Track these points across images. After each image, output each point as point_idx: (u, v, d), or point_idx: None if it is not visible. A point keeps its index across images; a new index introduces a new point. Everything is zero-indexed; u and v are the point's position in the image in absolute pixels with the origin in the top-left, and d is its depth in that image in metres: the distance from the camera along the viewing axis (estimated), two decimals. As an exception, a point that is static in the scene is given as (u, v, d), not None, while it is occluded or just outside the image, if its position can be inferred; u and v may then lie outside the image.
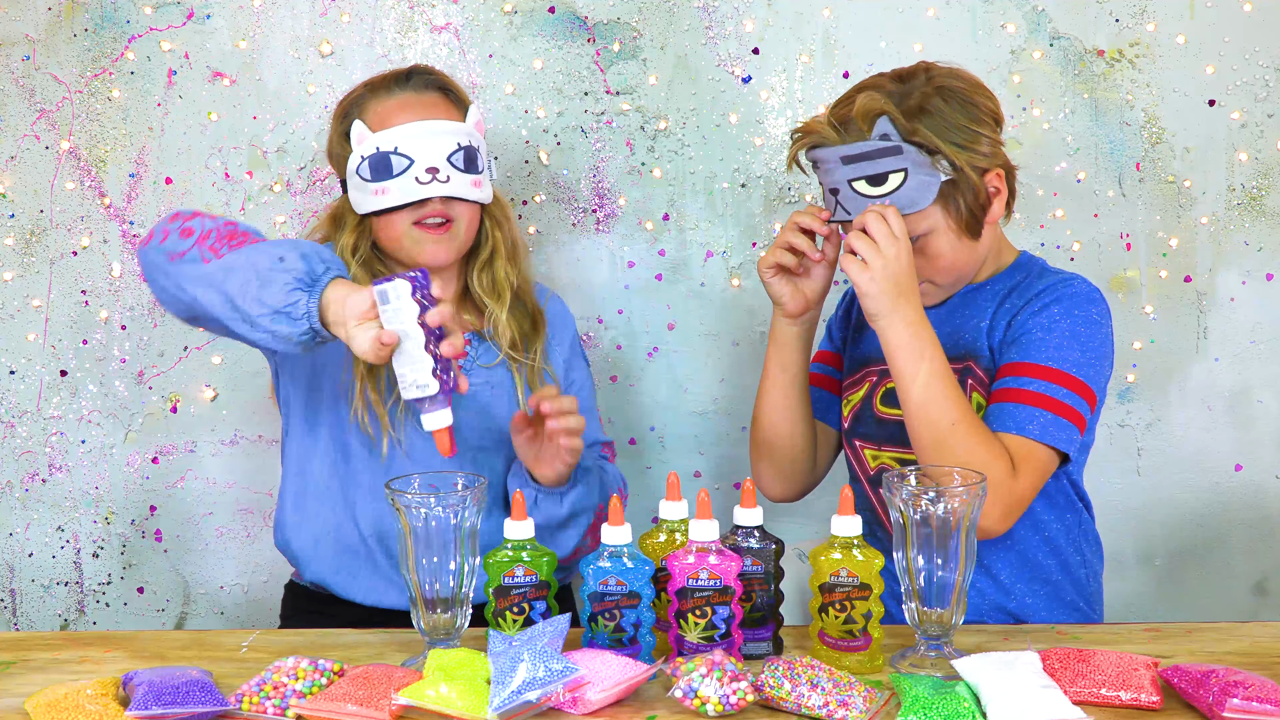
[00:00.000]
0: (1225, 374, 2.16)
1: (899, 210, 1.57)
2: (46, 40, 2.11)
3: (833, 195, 1.63)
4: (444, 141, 1.71)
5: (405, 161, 1.70)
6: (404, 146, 1.70)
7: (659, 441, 2.19)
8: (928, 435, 1.53)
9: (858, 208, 1.60)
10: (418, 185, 1.70)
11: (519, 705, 1.22)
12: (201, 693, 1.25)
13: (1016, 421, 1.55)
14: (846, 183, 1.60)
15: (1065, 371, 1.57)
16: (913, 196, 1.59)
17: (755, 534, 1.40)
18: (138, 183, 2.14)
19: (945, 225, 1.62)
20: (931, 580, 1.35)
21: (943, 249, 1.63)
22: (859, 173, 1.59)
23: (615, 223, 2.16)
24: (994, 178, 1.63)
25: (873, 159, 1.59)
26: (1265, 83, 2.11)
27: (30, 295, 2.15)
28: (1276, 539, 2.19)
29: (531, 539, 1.39)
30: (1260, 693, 1.20)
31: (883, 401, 1.72)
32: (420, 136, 1.70)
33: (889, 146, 1.58)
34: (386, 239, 1.75)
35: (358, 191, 1.73)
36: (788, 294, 1.69)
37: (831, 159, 1.61)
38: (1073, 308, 1.61)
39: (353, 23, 2.12)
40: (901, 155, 1.58)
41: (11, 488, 2.18)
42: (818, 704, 1.23)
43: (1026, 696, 1.22)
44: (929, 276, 1.65)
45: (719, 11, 2.12)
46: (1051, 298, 1.63)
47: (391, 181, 1.70)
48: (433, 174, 1.70)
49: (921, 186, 1.59)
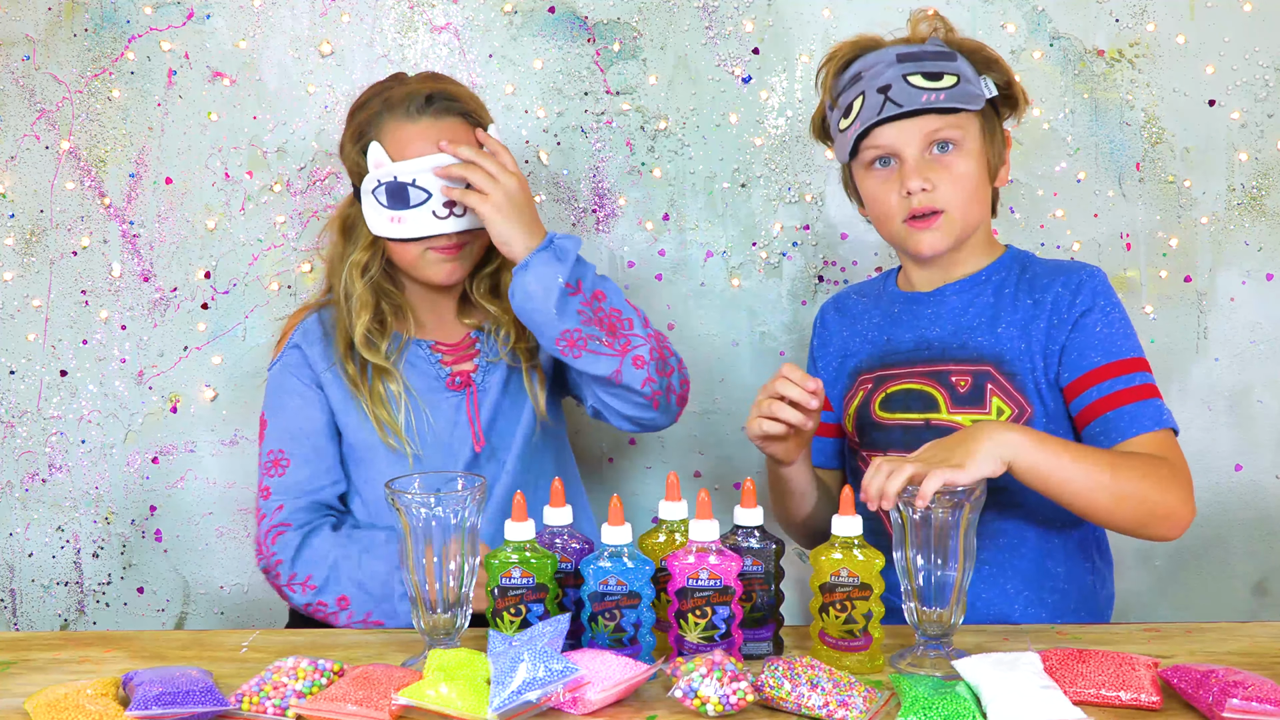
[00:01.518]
0: (1225, 374, 2.16)
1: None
2: (46, 40, 2.11)
3: (880, 94, 1.62)
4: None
5: (423, 195, 1.70)
6: (422, 180, 1.70)
7: (659, 441, 2.19)
8: (1102, 499, 1.50)
9: (911, 100, 1.61)
10: (435, 220, 1.71)
11: (519, 705, 1.22)
12: (201, 693, 1.25)
13: (1138, 422, 1.58)
14: (901, 77, 1.62)
15: (1137, 357, 1.62)
16: (966, 96, 1.62)
17: (755, 534, 1.40)
18: (138, 183, 2.14)
19: (979, 145, 1.65)
20: (930, 580, 1.35)
21: (970, 169, 1.64)
22: (915, 69, 1.62)
23: (615, 223, 2.16)
24: (1006, 140, 1.70)
25: (929, 59, 1.63)
26: (1265, 83, 2.11)
27: (30, 295, 2.15)
28: (1276, 539, 2.19)
29: (531, 540, 1.39)
30: (1260, 693, 1.20)
31: (882, 407, 1.71)
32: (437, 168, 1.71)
33: (945, 51, 1.65)
34: (401, 259, 1.78)
35: (373, 212, 1.73)
36: (782, 450, 1.63)
37: (884, 58, 1.64)
38: (1108, 296, 1.65)
39: (353, 23, 2.12)
40: (956, 61, 1.64)
41: (11, 488, 2.18)
42: (818, 704, 1.23)
43: (1027, 697, 1.22)
44: (946, 197, 1.62)
45: (719, 11, 2.12)
46: (1088, 293, 1.64)
47: (409, 212, 1.71)
48: (450, 209, 1.71)
49: (972, 93, 1.63)
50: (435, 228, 1.71)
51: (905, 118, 1.62)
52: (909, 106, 1.60)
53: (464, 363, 1.84)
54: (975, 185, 1.64)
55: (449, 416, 1.80)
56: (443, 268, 1.76)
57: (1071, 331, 1.62)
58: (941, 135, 1.62)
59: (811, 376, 1.57)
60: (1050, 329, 1.63)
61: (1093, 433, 1.60)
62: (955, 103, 1.61)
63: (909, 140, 1.62)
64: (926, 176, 1.62)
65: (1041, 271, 1.69)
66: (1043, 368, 1.63)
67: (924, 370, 1.69)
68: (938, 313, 1.70)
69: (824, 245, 2.15)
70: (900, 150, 1.63)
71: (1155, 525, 1.54)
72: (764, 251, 2.16)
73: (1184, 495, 1.55)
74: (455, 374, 1.82)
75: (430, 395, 1.80)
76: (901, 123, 1.62)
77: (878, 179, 1.67)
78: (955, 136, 1.62)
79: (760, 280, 2.16)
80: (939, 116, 1.61)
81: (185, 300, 2.15)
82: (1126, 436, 1.58)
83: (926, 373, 1.68)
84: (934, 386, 1.67)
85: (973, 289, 1.70)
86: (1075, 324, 1.62)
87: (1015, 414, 1.62)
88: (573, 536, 1.44)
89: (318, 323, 1.83)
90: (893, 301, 1.77)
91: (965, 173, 1.63)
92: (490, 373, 1.83)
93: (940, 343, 1.69)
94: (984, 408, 1.63)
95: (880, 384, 1.71)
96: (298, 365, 1.80)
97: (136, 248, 2.14)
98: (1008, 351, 1.64)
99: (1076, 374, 1.61)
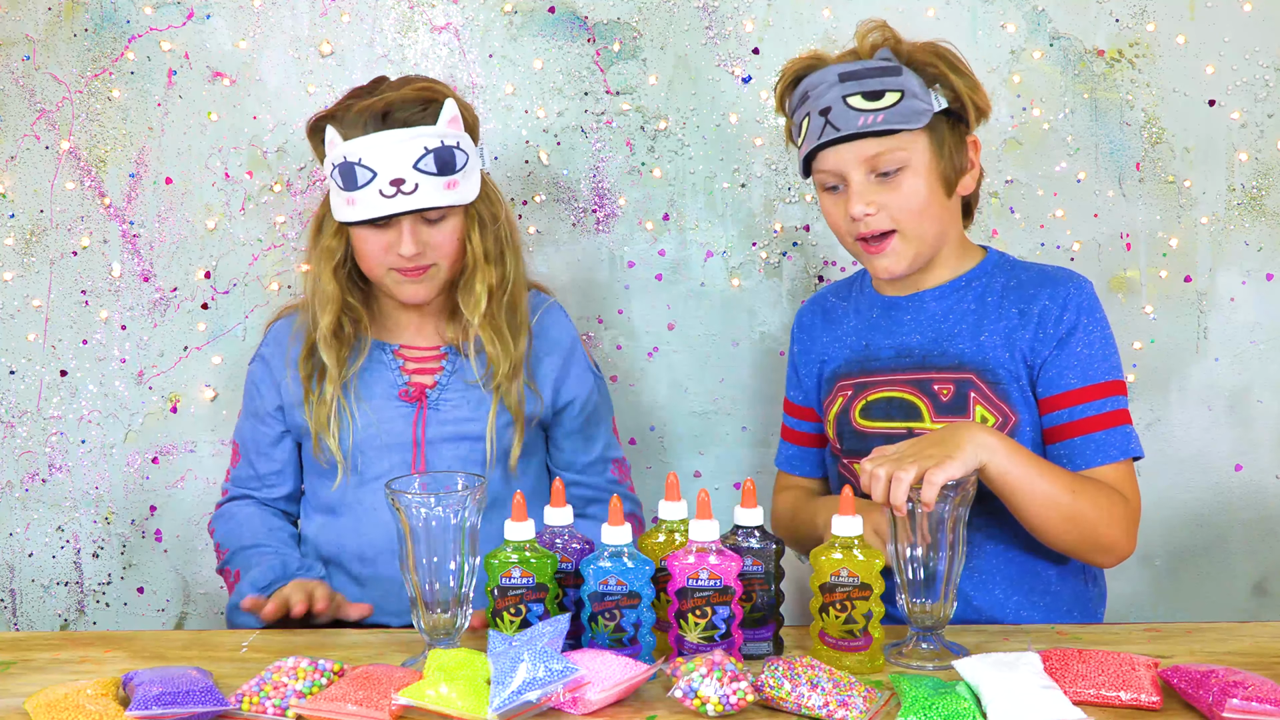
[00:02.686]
0: (1225, 374, 2.16)
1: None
2: (46, 40, 2.11)
3: (822, 116, 1.60)
4: (409, 149, 1.67)
5: (369, 174, 1.67)
6: (367, 158, 1.66)
7: (659, 441, 2.19)
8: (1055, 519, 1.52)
9: (849, 123, 1.58)
10: (382, 199, 1.67)
11: (519, 705, 1.22)
12: (201, 693, 1.25)
13: (1103, 452, 1.58)
14: (841, 99, 1.58)
15: (1113, 380, 1.61)
16: (906, 115, 1.57)
17: (755, 534, 1.40)
18: (138, 183, 2.14)
19: (928, 161, 1.60)
20: (921, 573, 1.37)
21: (919, 188, 1.60)
22: (855, 89, 1.58)
23: (615, 223, 2.16)
24: (973, 147, 1.64)
25: (871, 76, 1.59)
26: (1265, 83, 2.11)
27: (30, 295, 2.15)
28: (1276, 539, 2.19)
29: (531, 540, 1.38)
30: (1260, 693, 1.20)
31: (862, 415, 1.70)
32: (384, 146, 1.66)
33: (889, 66, 1.59)
34: (370, 274, 1.76)
35: (335, 198, 1.72)
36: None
37: (827, 79, 1.60)
38: (1094, 312, 1.63)
39: (353, 23, 2.12)
40: (900, 76, 1.59)
41: (11, 488, 2.18)
42: (818, 704, 1.23)
43: (1027, 697, 1.22)
44: (896, 217, 1.60)
45: (719, 11, 2.12)
46: (1074, 310, 1.62)
47: (358, 193, 1.68)
48: (397, 186, 1.66)
49: (916, 109, 1.58)
50: (384, 207, 1.67)
51: (844, 141, 1.59)
52: (846, 131, 1.58)
53: (424, 375, 1.79)
54: (925, 202, 1.61)
55: (394, 429, 1.77)
56: (405, 289, 1.74)
57: (1055, 348, 1.62)
58: (882, 160, 1.59)
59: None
60: (1035, 342, 1.63)
61: (1058, 453, 1.61)
62: (894, 124, 1.57)
63: (850, 165, 1.60)
64: (870, 200, 1.59)
65: (1027, 279, 1.67)
66: (1026, 376, 1.63)
67: (905, 378, 1.68)
68: (917, 319, 1.69)
69: (824, 245, 2.15)
70: (845, 174, 1.61)
71: (1095, 554, 1.58)
72: (764, 251, 2.16)
73: (1130, 530, 1.58)
74: (411, 384, 1.78)
75: (381, 402, 1.78)
76: (840, 147, 1.60)
77: (829, 200, 1.66)
78: (898, 159, 1.58)
79: (760, 280, 2.16)
80: (878, 140, 1.58)
81: (185, 300, 2.15)
82: (1090, 465, 1.59)
83: (908, 380, 1.67)
84: (916, 395, 1.66)
85: (953, 295, 1.68)
86: (1060, 341, 1.62)
87: (1000, 422, 1.62)
88: (573, 537, 1.43)
89: (288, 324, 1.85)
90: (871, 305, 1.75)
91: (912, 191, 1.60)
92: (450, 391, 1.78)
93: (921, 350, 1.67)
94: (968, 416, 1.63)
95: (860, 391, 1.70)
96: (262, 376, 1.84)
97: (136, 248, 2.14)
98: (991, 359, 1.63)
99: (1051, 392, 1.61)
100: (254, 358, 1.88)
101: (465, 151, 1.72)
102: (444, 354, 1.81)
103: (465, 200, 1.72)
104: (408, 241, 1.70)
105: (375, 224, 1.70)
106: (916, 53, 1.62)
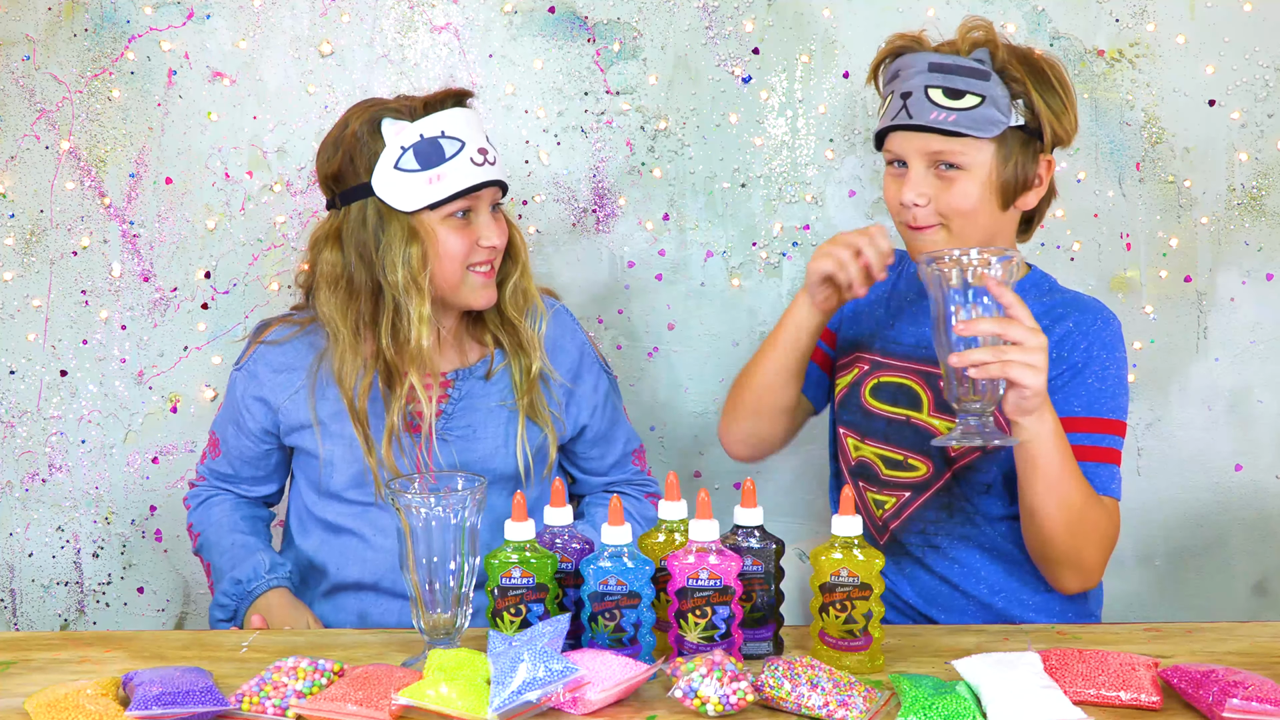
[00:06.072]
0: (1225, 374, 2.16)
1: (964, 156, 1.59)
2: (46, 40, 2.11)
3: (902, 99, 1.62)
4: (480, 126, 1.69)
5: (456, 144, 1.64)
6: (451, 129, 1.64)
7: (659, 441, 2.19)
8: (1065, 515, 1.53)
9: (922, 114, 1.59)
10: (474, 167, 1.65)
11: (519, 705, 1.22)
12: (201, 693, 1.25)
13: (1102, 483, 1.59)
14: (923, 88, 1.60)
15: (1116, 419, 1.63)
16: (979, 121, 1.58)
17: (755, 534, 1.40)
18: (138, 183, 2.14)
19: (988, 171, 1.60)
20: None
21: (970, 192, 1.60)
22: (940, 82, 1.59)
23: (615, 223, 2.16)
24: (1045, 166, 1.64)
25: (959, 74, 1.59)
26: (1265, 83, 2.11)
27: (30, 295, 2.15)
28: (1276, 539, 2.19)
29: (532, 540, 1.38)
30: (1260, 693, 1.20)
31: (872, 394, 1.72)
32: (463, 119, 1.66)
33: (979, 69, 1.59)
34: (445, 279, 1.67)
35: (403, 186, 1.63)
36: (825, 295, 1.65)
37: (917, 64, 1.62)
38: (1115, 349, 1.64)
39: (353, 23, 2.12)
40: (988, 81, 1.59)
41: (11, 488, 2.18)
42: (818, 704, 1.23)
43: (1027, 697, 1.22)
44: (943, 213, 1.61)
45: (719, 11, 2.12)
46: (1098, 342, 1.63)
47: (446, 166, 1.63)
48: (484, 155, 1.65)
49: (991, 118, 1.59)
50: (477, 175, 1.64)
51: (913, 130, 1.61)
52: (916, 120, 1.60)
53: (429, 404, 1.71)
54: (975, 207, 1.61)
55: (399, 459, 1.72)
56: (482, 292, 1.69)
57: (1069, 373, 1.62)
58: (943, 158, 1.60)
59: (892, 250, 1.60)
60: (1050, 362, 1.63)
61: None
62: (963, 127, 1.58)
63: (913, 153, 1.62)
64: (923, 192, 1.61)
65: (1060, 301, 1.68)
66: None
67: (917, 368, 1.70)
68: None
69: (824, 245, 2.15)
70: (907, 158, 1.63)
71: (1069, 573, 1.60)
72: (764, 251, 2.16)
73: (1104, 561, 1.61)
74: (416, 414, 1.72)
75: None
76: (909, 134, 1.62)
77: (890, 176, 1.67)
78: (959, 161, 1.59)
79: (760, 280, 2.16)
80: (945, 138, 1.59)
81: (185, 300, 2.15)
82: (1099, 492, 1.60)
83: (919, 371, 1.70)
84: (921, 386, 1.69)
85: None
86: (1075, 368, 1.62)
87: None
88: (573, 537, 1.43)
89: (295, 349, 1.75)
90: (909, 288, 1.77)
91: (964, 193, 1.60)
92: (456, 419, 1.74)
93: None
94: None
95: (875, 369, 1.73)
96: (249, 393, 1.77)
97: (136, 248, 2.14)
98: None
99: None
100: (239, 366, 1.80)
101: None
102: (450, 380, 1.76)
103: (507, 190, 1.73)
104: (493, 229, 1.67)
105: (457, 219, 1.65)
106: (1012, 62, 1.61)
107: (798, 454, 2.18)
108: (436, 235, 1.65)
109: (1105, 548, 1.60)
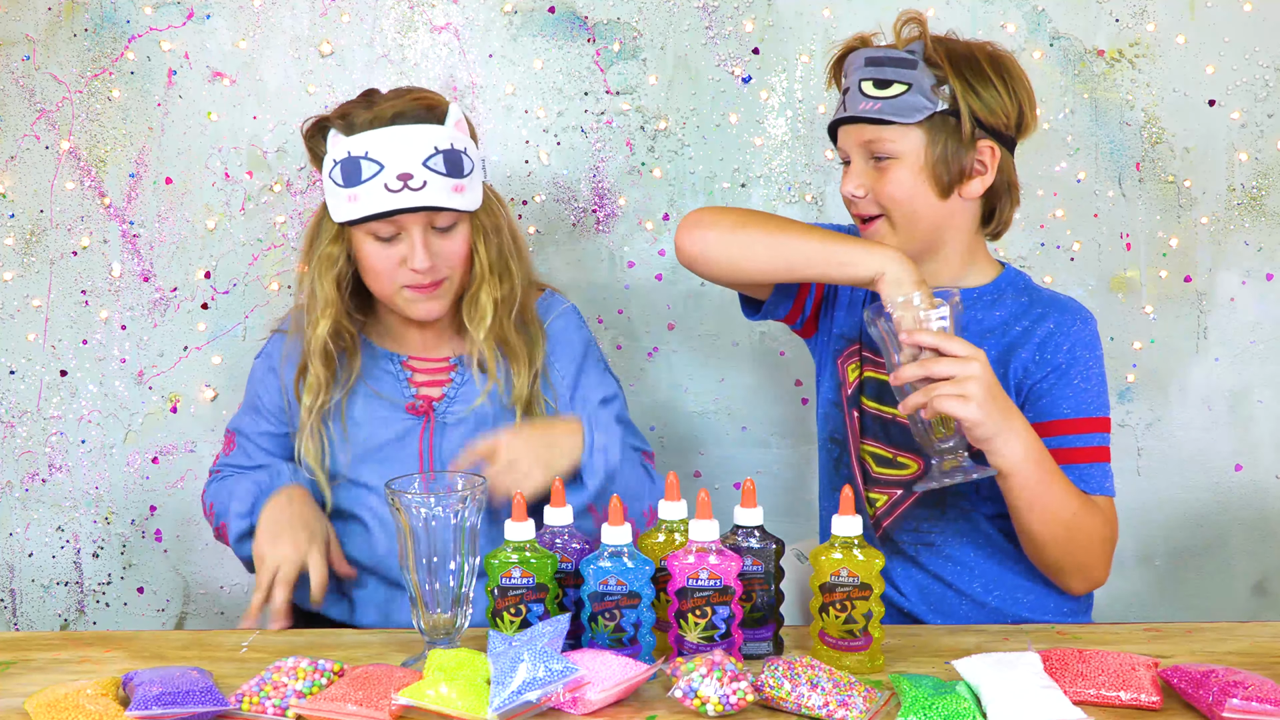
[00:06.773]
0: (1225, 374, 2.16)
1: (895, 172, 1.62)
2: (46, 40, 2.11)
3: (843, 95, 1.67)
4: (419, 146, 1.62)
5: (375, 167, 1.60)
6: (374, 151, 1.61)
7: (659, 441, 2.19)
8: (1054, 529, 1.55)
9: (854, 106, 1.63)
10: (388, 194, 1.61)
11: (519, 705, 1.22)
12: (201, 693, 1.25)
13: (1085, 483, 1.60)
14: (858, 81, 1.63)
15: (1102, 417, 1.64)
16: (901, 108, 1.60)
17: (755, 534, 1.40)
18: (138, 183, 2.14)
19: (918, 158, 1.62)
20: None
21: (902, 180, 1.62)
22: (873, 74, 1.62)
23: (615, 223, 2.16)
24: (986, 150, 1.63)
25: (889, 65, 1.62)
26: (1265, 83, 2.11)
27: (30, 295, 2.15)
28: (1276, 539, 2.19)
29: (532, 540, 1.38)
30: (1260, 693, 1.20)
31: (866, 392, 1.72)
32: (392, 141, 1.61)
33: (907, 59, 1.62)
34: (379, 293, 1.71)
35: (334, 198, 1.65)
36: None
37: (857, 61, 1.65)
38: (1095, 349, 1.66)
39: (353, 23, 2.12)
40: (914, 70, 1.61)
41: (11, 488, 2.18)
42: (818, 704, 1.23)
43: (1027, 697, 1.22)
44: (882, 203, 1.64)
45: (719, 11, 2.12)
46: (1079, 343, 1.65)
47: (360, 189, 1.61)
48: (404, 181, 1.60)
49: (915, 104, 1.61)
50: (388, 202, 1.60)
51: (848, 123, 1.65)
52: (850, 112, 1.64)
53: (432, 387, 1.76)
54: (910, 195, 1.62)
55: (399, 443, 1.74)
56: (418, 306, 1.69)
57: (1053, 376, 1.63)
58: (874, 148, 1.63)
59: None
60: (1032, 364, 1.64)
61: None
62: (887, 115, 1.60)
63: (852, 146, 1.66)
64: (861, 183, 1.65)
65: (1038, 300, 1.69)
66: (1014, 394, 1.64)
67: None
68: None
69: (824, 245, 2.15)
70: (849, 152, 1.67)
71: (1073, 579, 1.62)
72: (764, 251, 2.15)
73: (1107, 562, 1.63)
74: (419, 397, 1.75)
75: (388, 414, 1.75)
76: (846, 127, 1.66)
77: (843, 173, 1.70)
78: (890, 150, 1.62)
79: (760, 280, 2.16)
80: (874, 127, 1.62)
81: (185, 300, 2.15)
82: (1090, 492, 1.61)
83: None
84: None
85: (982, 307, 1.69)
86: (1058, 370, 1.63)
87: None
88: (573, 537, 1.43)
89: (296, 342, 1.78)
90: None
91: (898, 181, 1.62)
92: (459, 403, 1.74)
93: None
94: None
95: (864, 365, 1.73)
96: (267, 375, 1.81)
97: (136, 248, 2.14)
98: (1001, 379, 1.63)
99: (1042, 419, 1.62)
100: (260, 353, 1.85)
101: (471, 158, 1.67)
102: (453, 365, 1.77)
103: (471, 207, 1.67)
104: (420, 253, 1.64)
105: (384, 239, 1.65)
106: (938, 51, 1.63)
107: (798, 454, 2.18)
108: (362, 249, 1.69)
109: (1105, 549, 1.61)
